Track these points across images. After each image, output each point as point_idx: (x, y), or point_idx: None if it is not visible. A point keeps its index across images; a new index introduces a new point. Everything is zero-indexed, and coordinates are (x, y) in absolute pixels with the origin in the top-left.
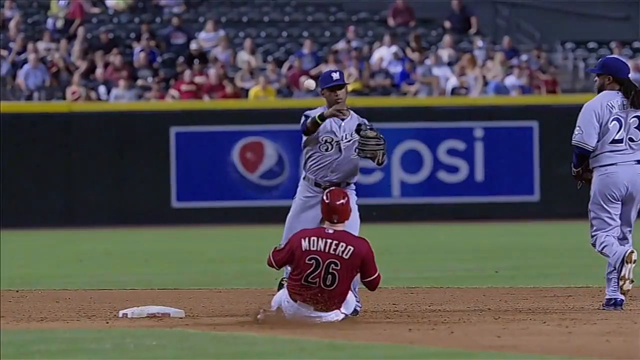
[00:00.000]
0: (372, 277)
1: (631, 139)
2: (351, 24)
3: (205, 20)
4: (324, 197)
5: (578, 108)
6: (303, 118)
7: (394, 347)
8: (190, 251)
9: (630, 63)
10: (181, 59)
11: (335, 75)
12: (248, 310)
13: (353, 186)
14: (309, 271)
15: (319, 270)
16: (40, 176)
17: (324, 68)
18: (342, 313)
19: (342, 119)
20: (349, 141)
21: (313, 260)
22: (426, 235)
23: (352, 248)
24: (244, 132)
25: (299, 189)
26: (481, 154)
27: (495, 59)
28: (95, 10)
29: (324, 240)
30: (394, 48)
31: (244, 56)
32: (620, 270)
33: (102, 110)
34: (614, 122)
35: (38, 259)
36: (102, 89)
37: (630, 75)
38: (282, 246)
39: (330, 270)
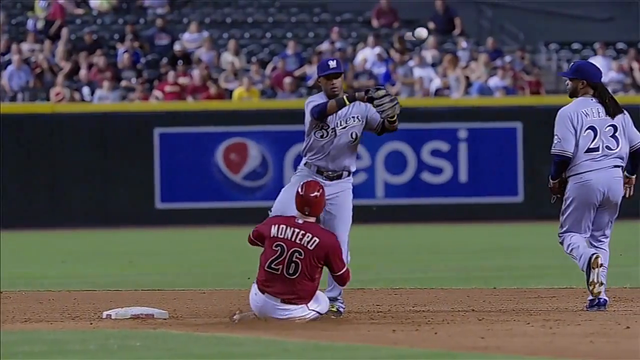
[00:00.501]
0: (340, 272)
1: (608, 147)
2: (335, 25)
3: (189, 21)
4: (299, 189)
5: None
6: (312, 104)
7: (377, 348)
8: (174, 252)
9: (614, 64)
10: (165, 60)
11: (332, 64)
12: (232, 311)
13: (351, 179)
14: (273, 257)
15: (282, 257)
16: (24, 177)
17: (308, 69)
18: (313, 310)
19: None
20: (343, 128)
21: (278, 247)
22: (410, 236)
23: (317, 240)
24: (228, 133)
25: (298, 173)
26: (465, 155)
27: (479, 60)
28: (79, 11)
29: (292, 229)
30: (378, 49)
31: (227, 57)
32: (589, 276)
33: (86, 111)
34: (589, 130)
35: (22, 260)
36: (85, 90)
37: (614, 76)
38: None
39: (294, 259)
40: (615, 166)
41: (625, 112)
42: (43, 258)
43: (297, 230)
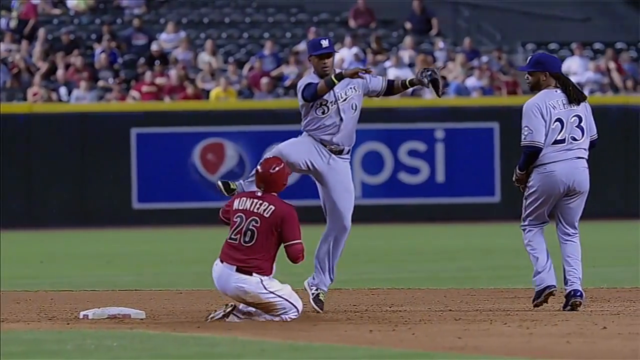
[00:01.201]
0: (292, 242)
1: (574, 138)
2: (312, 25)
3: (166, 21)
4: (258, 166)
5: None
6: (305, 85)
7: (355, 349)
8: (151, 252)
9: (591, 65)
10: (142, 60)
11: (325, 43)
12: (209, 311)
13: (348, 157)
14: (233, 227)
15: (241, 227)
16: (0, 177)
17: (285, 69)
18: (270, 292)
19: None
20: (344, 100)
21: (238, 218)
22: (387, 236)
23: (273, 207)
24: (205, 133)
25: (304, 138)
26: (442, 155)
27: (456, 60)
28: (56, 11)
29: (251, 200)
30: (355, 49)
31: (204, 57)
32: (537, 298)
33: (63, 111)
34: (557, 122)
35: None
36: (63, 90)
37: (591, 76)
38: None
39: (250, 227)
40: (579, 157)
41: (587, 98)
42: (20, 258)
43: (255, 200)
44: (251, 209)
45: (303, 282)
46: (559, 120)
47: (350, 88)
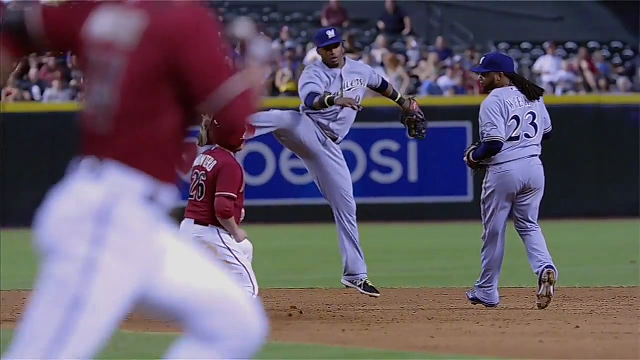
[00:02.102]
0: (220, 193)
1: (527, 135)
2: (285, 24)
3: None
4: (214, 121)
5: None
6: (308, 92)
7: (327, 348)
8: None
9: (564, 64)
10: None
11: (331, 34)
12: None
13: (339, 147)
14: (190, 184)
15: (195, 183)
16: None
17: None
18: (225, 245)
19: (340, 68)
20: (349, 90)
21: (195, 175)
22: (360, 235)
23: (216, 162)
24: None
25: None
26: (414, 155)
27: (428, 59)
28: None
29: (205, 156)
30: None
31: None
32: (481, 301)
33: (36, 110)
34: (513, 120)
35: None
36: (35, 90)
37: (564, 75)
38: None
39: (200, 182)
40: (533, 155)
41: (544, 92)
42: None
43: (207, 156)
44: (202, 165)
45: (341, 281)
46: (515, 117)
47: (357, 80)
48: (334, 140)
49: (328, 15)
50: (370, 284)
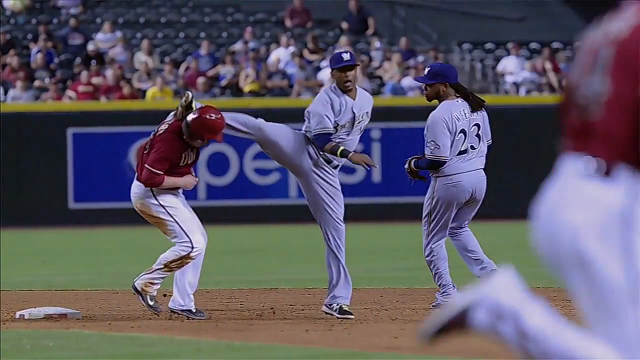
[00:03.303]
0: (145, 164)
1: (472, 147)
2: (248, 25)
3: (102, 21)
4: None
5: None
6: (320, 130)
7: (291, 348)
8: (87, 252)
9: (527, 64)
10: (78, 60)
11: (346, 56)
12: (145, 311)
13: (337, 172)
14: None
15: (146, 142)
16: None
17: (222, 69)
18: (158, 202)
19: (353, 98)
20: (359, 122)
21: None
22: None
23: (163, 132)
24: (141, 133)
25: (302, 133)
26: (378, 155)
27: (392, 59)
28: None
29: (167, 122)
30: (292, 49)
31: (141, 57)
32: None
33: None
34: (460, 134)
35: None
36: None
37: (527, 76)
38: None
39: (150, 138)
40: (479, 167)
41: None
42: None
43: (168, 122)
44: (158, 126)
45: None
46: (463, 131)
47: (366, 113)
48: (329, 162)
49: (292, 16)
50: (345, 308)
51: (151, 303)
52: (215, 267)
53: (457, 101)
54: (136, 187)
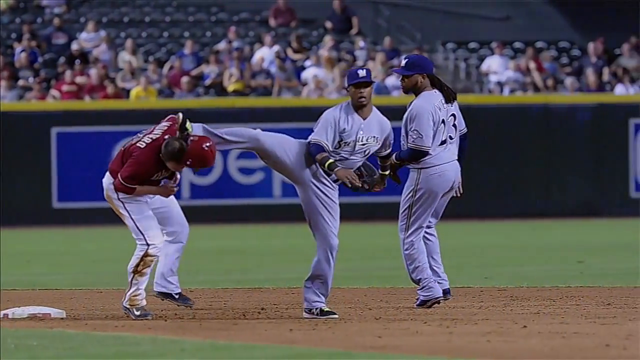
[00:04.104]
0: (119, 173)
1: (450, 137)
2: (232, 24)
3: (86, 20)
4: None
5: (459, 108)
6: (317, 141)
7: (275, 348)
8: (71, 251)
9: (511, 64)
10: (62, 59)
11: (362, 73)
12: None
13: (336, 186)
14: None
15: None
16: None
17: (205, 69)
18: (117, 196)
19: (364, 117)
20: (363, 144)
21: (140, 133)
22: (308, 235)
23: (144, 144)
24: (126, 133)
25: (303, 143)
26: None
27: (376, 59)
28: None
29: (155, 133)
30: (275, 48)
31: (125, 56)
32: (422, 305)
33: None
34: (441, 124)
35: None
36: None
37: (511, 75)
38: None
39: (132, 140)
40: (456, 156)
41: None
42: None
43: (153, 134)
44: (143, 133)
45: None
46: (443, 121)
47: (374, 137)
48: (329, 175)
49: (275, 15)
50: (326, 309)
51: (137, 313)
52: (199, 267)
53: (435, 92)
54: (106, 178)
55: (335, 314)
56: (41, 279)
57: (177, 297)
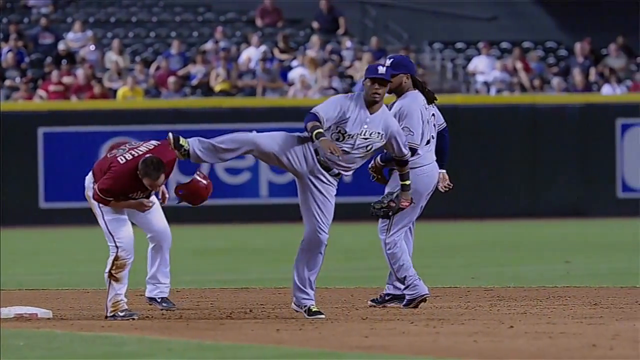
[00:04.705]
0: (97, 184)
1: (432, 137)
2: (219, 24)
3: (73, 20)
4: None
5: (446, 109)
6: (313, 114)
7: (262, 348)
8: (58, 251)
9: (498, 64)
10: (49, 60)
11: (381, 70)
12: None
13: (335, 182)
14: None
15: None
16: None
17: (192, 69)
18: (91, 197)
19: (373, 112)
20: (365, 139)
21: (128, 145)
22: (294, 235)
23: (125, 160)
24: (112, 133)
25: (303, 137)
26: None
27: (363, 59)
28: None
29: (140, 149)
30: (263, 48)
31: (112, 56)
32: (411, 302)
33: None
34: (426, 123)
35: None
36: None
37: (498, 75)
38: None
39: (120, 150)
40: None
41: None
42: None
43: (136, 150)
44: (129, 147)
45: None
46: (427, 121)
47: (378, 133)
48: (327, 170)
49: (262, 15)
50: (314, 309)
51: (122, 314)
52: (186, 267)
53: (417, 91)
54: (89, 177)
55: (322, 314)
56: (28, 279)
57: (159, 300)
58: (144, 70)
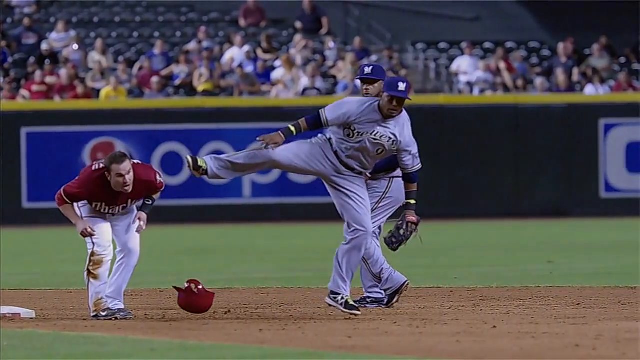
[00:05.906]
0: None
1: None
2: (202, 24)
3: (56, 20)
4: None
5: (429, 109)
6: (317, 112)
7: (244, 348)
8: (41, 251)
9: (481, 64)
10: (32, 59)
11: (402, 87)
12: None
13: (363, 177)
14: None
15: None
16: None
17: (175, 69)
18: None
19: (388, 123)
20: (374, 139)
21: None
22: (277, 235)
23: (96, 167)
24: (95, 133)
25: (316, 141)
26: None
27: (346, 59)
28: None
29: (124, 166)
30: (246, 48)
31: (95, 56)
32: (393, 298)
33: None
34: None
35: None
36: None
37: (481, 76)
38: None
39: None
40: None
41: None
42: None
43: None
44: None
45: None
46: None
47: (390, 139)
48: (351, 169)
49: (245, 15)
50: (351, 303)
51: (104, 314)
52: (169, 267)
53: None
54: None
55: (358, 311)
56: (11, 279)
57: (115, 311)
58: (127, 70)
